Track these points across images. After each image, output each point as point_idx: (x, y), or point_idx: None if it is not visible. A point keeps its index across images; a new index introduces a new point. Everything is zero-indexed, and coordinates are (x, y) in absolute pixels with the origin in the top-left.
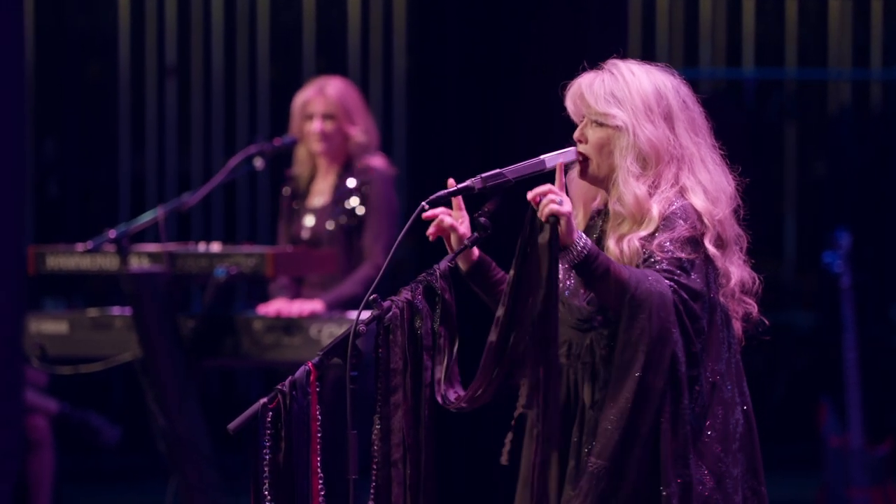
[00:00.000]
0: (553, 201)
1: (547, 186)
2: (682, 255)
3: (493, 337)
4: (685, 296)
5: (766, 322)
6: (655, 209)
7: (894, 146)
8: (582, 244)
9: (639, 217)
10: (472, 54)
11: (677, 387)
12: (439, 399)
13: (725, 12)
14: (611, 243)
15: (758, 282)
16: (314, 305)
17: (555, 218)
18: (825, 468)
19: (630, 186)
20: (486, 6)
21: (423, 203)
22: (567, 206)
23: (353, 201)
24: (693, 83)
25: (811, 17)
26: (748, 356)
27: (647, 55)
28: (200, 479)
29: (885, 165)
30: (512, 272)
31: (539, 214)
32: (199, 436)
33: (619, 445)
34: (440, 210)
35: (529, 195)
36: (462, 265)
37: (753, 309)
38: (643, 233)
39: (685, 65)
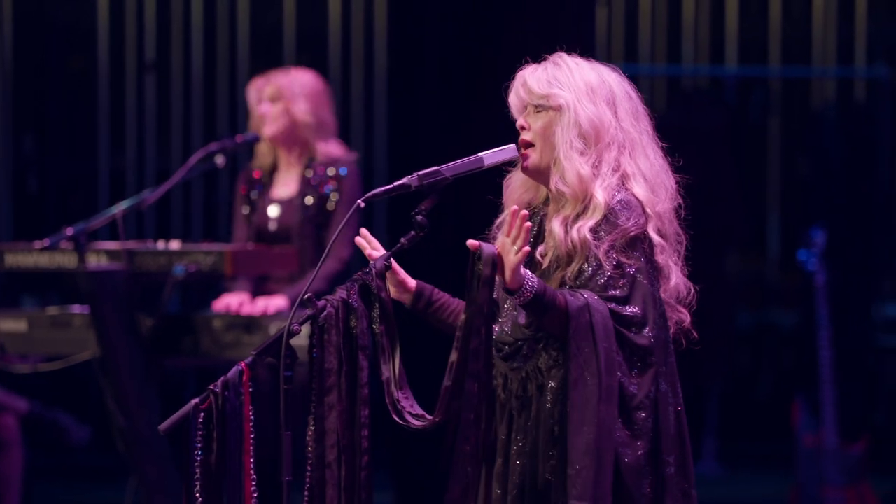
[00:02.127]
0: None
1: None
2: (624, 258)
3: (447, 382)
4: (621, 328)
5: (696, 334)
6: (600, 195)
7: (878, 143)
8: (530, 285)
9: (581, 196)
10: (451, 53)
11: (625, 409)
12: (394, 415)
13: (708, 10)
14: (555, 225)
15: (692, 292)
16: (278, 301)
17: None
18: (798, 467)
19: (573, 163)
20: (463, 7)
21: (359, 201)
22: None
23: (324, 193)
24: (676, 81)
25: (795, 15)
26: (734, 354)
27: (630, 53)
28: (160, 478)
29: (870, 163)
30: (463, 316)
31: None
32: (158, 435)
33: (595, 481)
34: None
35: (470, 243)
36: (404, 300)
37: (686, 318)
38: (591, 222)
39: (668, 62)
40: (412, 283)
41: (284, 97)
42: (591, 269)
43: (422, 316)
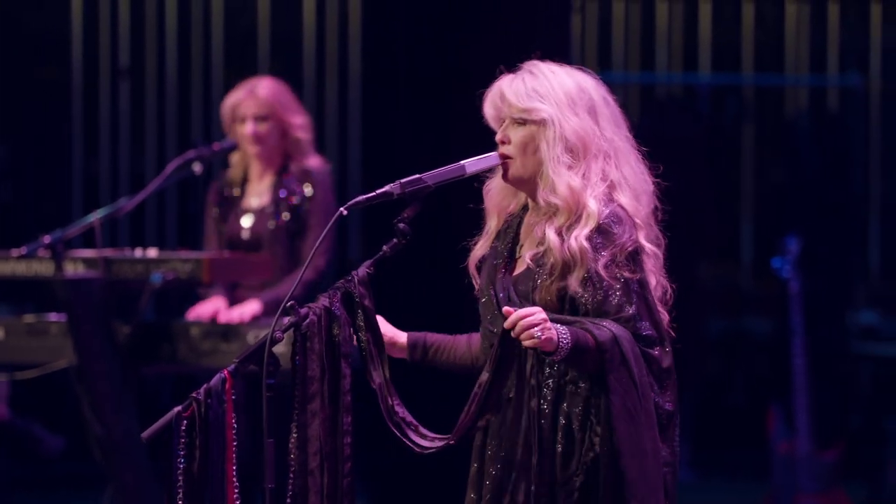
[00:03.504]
0: (531, 336)
1: (529, 321)
2: (628, 273)
3: (467, 410)
4: (644, 347)
5: (673, 333)
6: (593, 204)
7: (851, 151)
8: (565, 342)
9: (574, 208)
10: (425, 58)
11: (663, 428)
12: (392, 426)
13: (682, 17)
14: (550, 234)
15: (669, 292)
16: (252, 306)
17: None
18: (773, 474)
19: (563, 177)
20: (437, 12)
21: (342, 209)
22: (547, 332)
23: (297, 202)
24: (649, 89)
25: (768, 23)
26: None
27: (604, 60)
28: (137, 486)
29: (843, 171)
30: (485, 374)
31: (522, 342)
32: (135, 443)
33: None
34: None
35: (507, 324)
36: (403, 355)
37: (665, 318)
38: (586, 230)
39: (641, 70)
40: (402, 337)
41: (272, 116)
42: (601, 292)
43: (421, 364)
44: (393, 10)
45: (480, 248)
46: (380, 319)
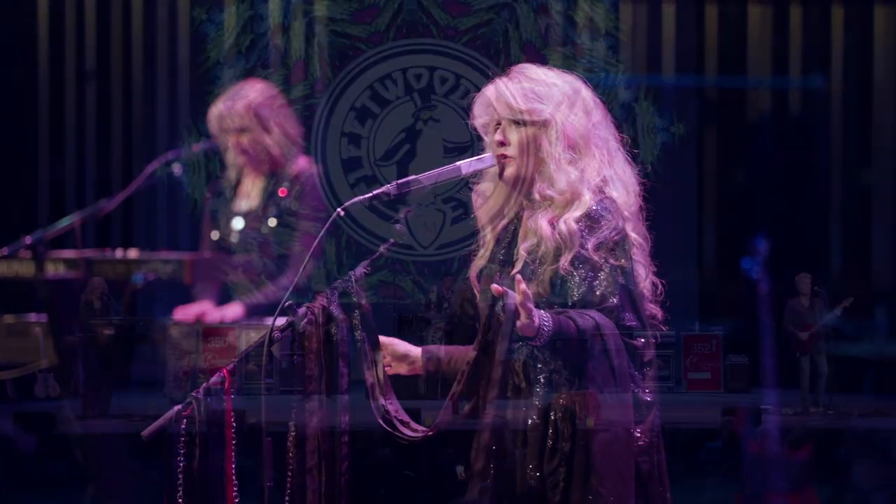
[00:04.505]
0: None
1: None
2: (614, 261)
3: (445, 416)
4: (627, 338)
5: (665, 329)
6: (586, 194)
7: (813, 153)
8: (546, 328)
9: (571, 200)
10: None
11: (643, 417)
12: (381, 422)
13: (645, 20)
14: (542, 223)
15: (661, 288)
16: (234, 309)
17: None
18: (743, 474)
19: (563, 172)
20: None
21: (339, 209)
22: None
23: (284, 207)
24: (613, 91)
25: (731, 26)
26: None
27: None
28: (118, 486)
29: (805, 172)
30: (473, 353)
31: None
32: (116, 444)
33: (625, 494)
34: None
35: (494, 288)
36: (418, 370)
37: (658, 313)
38: (576, 213)
39: (605, 72)
40: (417, 350)
41: (252, 129)
42: (587, 282)
43: (436, 375)
44: None
45: (480, 258)
46: (393, 341)
